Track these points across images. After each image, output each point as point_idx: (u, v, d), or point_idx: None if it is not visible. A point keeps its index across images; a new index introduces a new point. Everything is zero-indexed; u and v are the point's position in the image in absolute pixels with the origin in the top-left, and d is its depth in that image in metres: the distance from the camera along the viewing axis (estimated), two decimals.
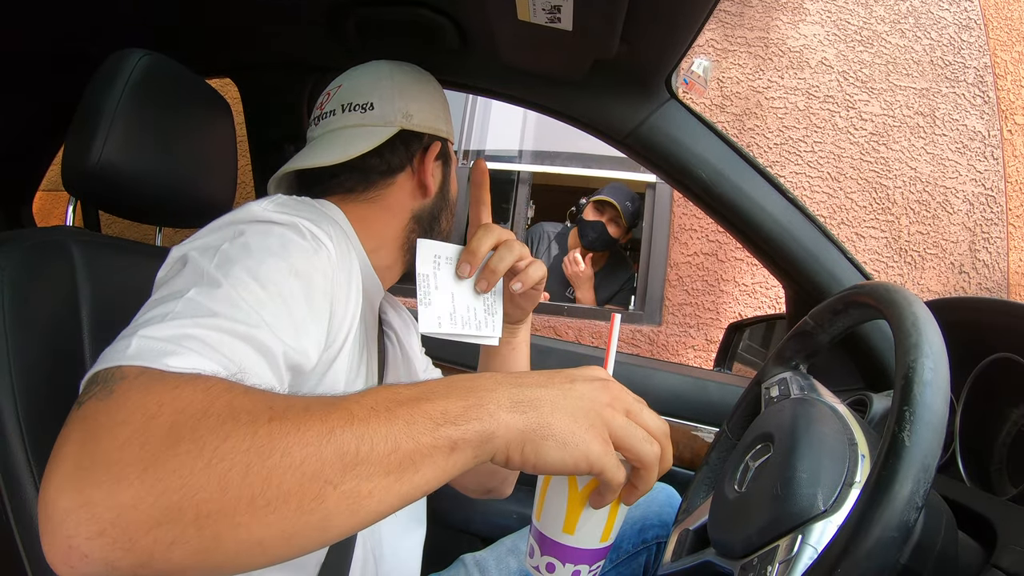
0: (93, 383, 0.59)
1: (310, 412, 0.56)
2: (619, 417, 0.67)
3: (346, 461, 0.55)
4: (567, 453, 0.63)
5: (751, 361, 2.39)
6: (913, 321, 0.71)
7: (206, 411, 0.55)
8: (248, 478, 0.52)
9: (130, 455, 0.51)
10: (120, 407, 0.55)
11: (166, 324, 0.66)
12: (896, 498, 0.60)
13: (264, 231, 0.84)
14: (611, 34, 1.16)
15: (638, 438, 0.68)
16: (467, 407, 0.61)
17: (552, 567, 0.79)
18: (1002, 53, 3.95)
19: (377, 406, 0.58)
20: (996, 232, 3.80)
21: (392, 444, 0.57)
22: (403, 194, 1.19)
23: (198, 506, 0.51)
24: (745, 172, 1.48)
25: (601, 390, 0.69)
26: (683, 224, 3.98)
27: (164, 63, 1.21)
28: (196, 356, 0.64)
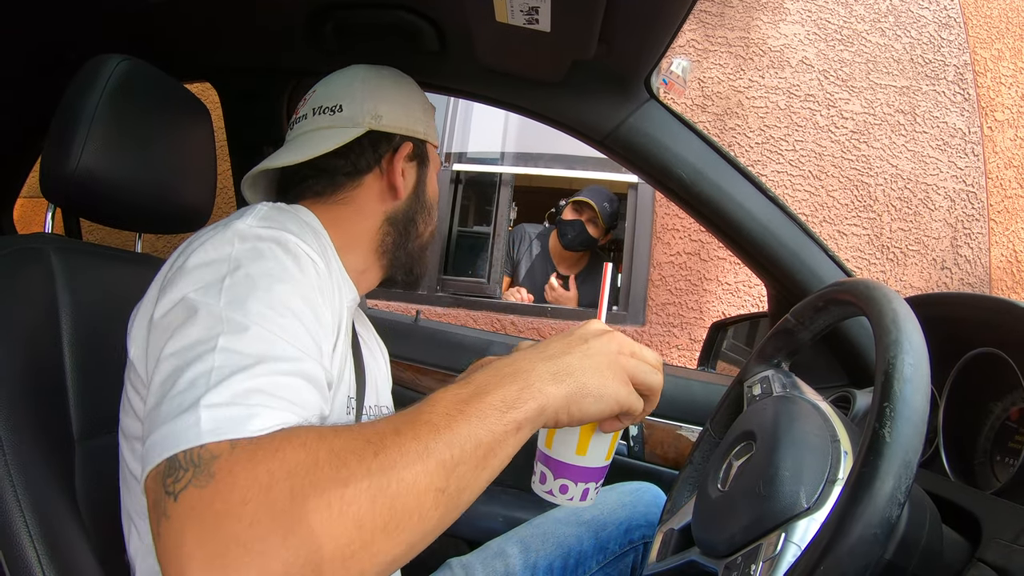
0: (175, 468, 0.60)
1: (401, 435, 0.63)
2: (630, 360, 0.81)
3: (447, 468, 0.63)
4: (603, 404, 0.77)
5: (735, 360, 2.39)
6: (893, 318, 0.71)
7: (316, 464, 0.59)
8: (376, 510, 0.58)
9: (264, 530, 0.55)
10: (232, 487, 0.57)
11: (222, 386, 0.66)
12: (878, 495, 0.60)
13: (257, 254, 0.83)
14: (589, 35, 1.16)
15: (647, 372, 0.81)
16: (520, 391, 0.71)
17: (565, 488, 0.90)
18: (982, 51, 3.98)
19: (450, 411, 0.66)
20: (977, 228, 3.83)
21: (475, 441, 0.66)
22: (372, 195, 1.18)
23: (343, 550, 0.56)
24: (726, 172, 1.49)
25: (610, 341, 0.81)
26: (666, 224, 3.98)
27: (142, 68, 1.21)
28: (269, 411, 0.66)
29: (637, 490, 1.51)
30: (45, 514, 0.90)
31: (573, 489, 0.90)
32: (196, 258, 0.82)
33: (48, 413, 1.00)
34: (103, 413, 1.06)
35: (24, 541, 0.87)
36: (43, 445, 0.96)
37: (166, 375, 0.70)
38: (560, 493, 0.90)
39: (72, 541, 0.94)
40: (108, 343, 1.08)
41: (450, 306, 4.00)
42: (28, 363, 0.98)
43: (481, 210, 4.34)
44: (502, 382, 0.71)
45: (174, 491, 0.58)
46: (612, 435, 0.89)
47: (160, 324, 0.79)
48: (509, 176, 4.22)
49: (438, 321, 2.16)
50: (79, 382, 1.05)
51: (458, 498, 0.65)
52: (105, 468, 1.04)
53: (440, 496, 0.63)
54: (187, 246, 0.87)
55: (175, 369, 0.70)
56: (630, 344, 0.83)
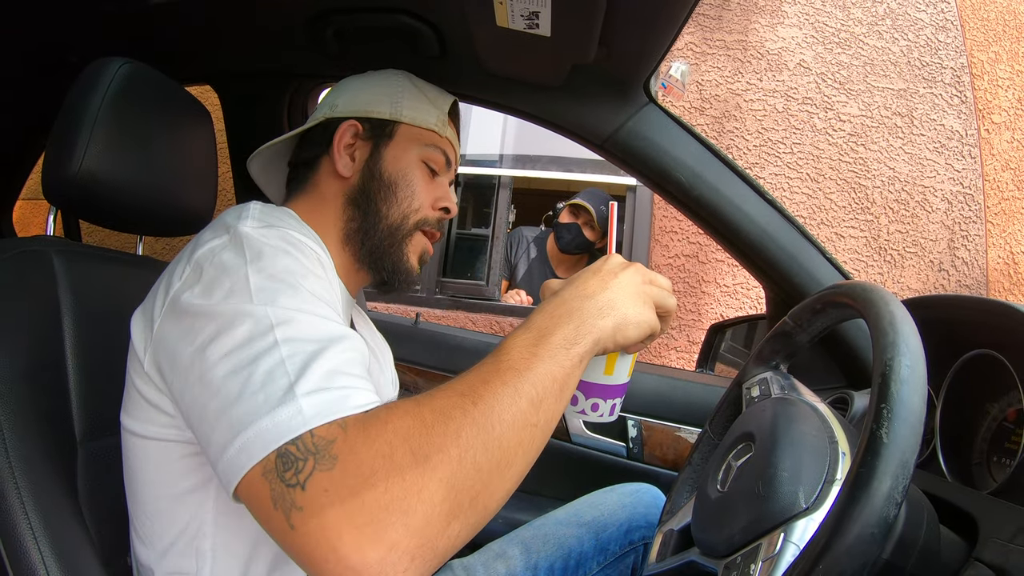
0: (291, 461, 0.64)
1: (491, 383, 0.71)
2: (652, 288, 0.89)
3: (536, 403, 0.72)
4: (641, 329, 0.85)
5: (733, 362, 2.39)
6: (890, 320, 0.72)
7: (425, 424, 0.66)
8: (489, 452, 0.67)
9: (399, 490, 0.62)
10: (359, 462, 0.63)
11: (307, 374, 0.70)
12: (875, 494, 0.60)
13: (271, 253, 0.85)
14: (589, 39, 1.17)
15: (666, 296, 0.90)
16: (578, 328, 0.79)
17: (596, 406, 0.98)
18: (979, 53, 3.99)
19: (524, 354, 0.75)
20: (975, 230, 3.83)
21: (551, 376, 0.74)
22: (327, 178, 1.20)
23: (468, 493, 0.65)
24: (724, 174, 1.49)
25: (635, 273, 0.88)
26: (664, 226, 3.99)
27: (144, 71, 1.21)
28: (356, 390, 0.71)
29: (637, 491, 1.51)
30: (48, 515, 0.90)
31: (603, 406, 0.98)
32: (210, 265, 0.83)
33: (51, 415, 1.00)
34: (105, 415, 1.06)
35: (28, 542, 0.87)
36: (46, 447, 0.96)
37: (225, 376, 0.72)
38: (592, 411, 0.98)
39: (75, 542, 0.94)
40: (110, 345, 1.08)
41: (449, 308, 4.00)
42: (31, 365, 0.98)
43: (480, 212, 4.34)
44: (559, 323, 0.79)
45: (299, 481, 0.62)
46: (634, 355, 0.96)
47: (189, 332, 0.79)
48: (508, 178, 4.22)
49: (437, 324, 2.16)
50: (81, 384, 1.05)
51: (547, 428, 0.74)
52: (107, 470, 1.04)
53: (535, 430, 0.72)
54: (192, 250, 0.87)
55: (235, 369, 0.72)
56: (648, 273, 0.90)
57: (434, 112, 1.24)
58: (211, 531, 0.89)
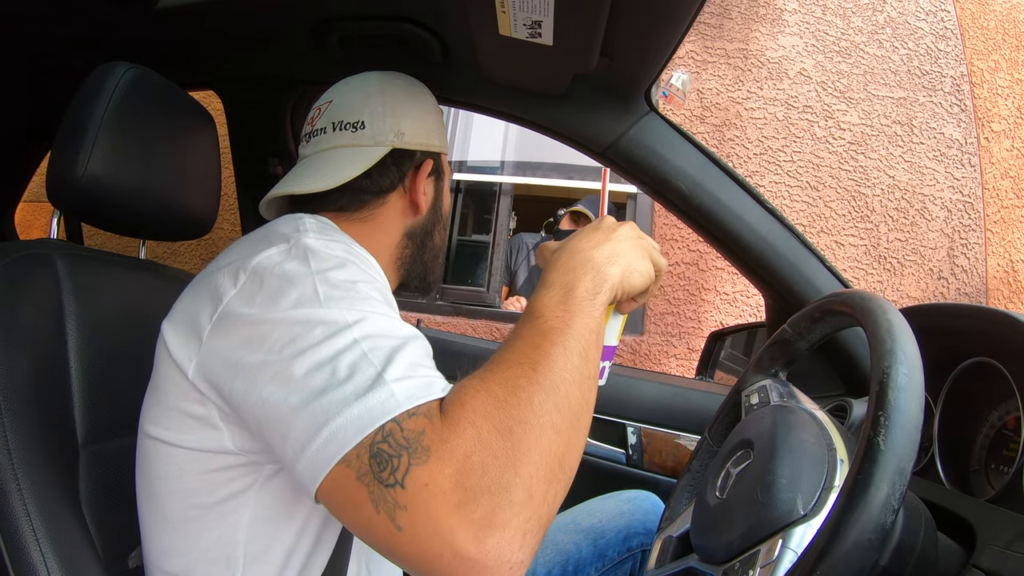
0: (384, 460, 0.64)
1: (541, 347, 0.74)
2: (647, 242, 0.93)
3: (584, 357, 0.75)
4: (643, 278, 0.90)
5: (733, 369, 2.39)
6: (888, 328, 0.72)
7: (498, 400, 0.68)
8: (562, 412, 0.69)
9: (496, 470, 0.63)
10: (452, 450, 0.63)
11: (393, 363, 0.71)
12: (872, 501, 0.61)
13: (337, 264, 0.85)
14: (591, 49, 1.17)
15: (658, 253, 0.94)
16: (595, 278, 0.83)
17: None
18: (978, 62, 4.00)
19: (558, 313, 0.78)
20: (974, 238, 3.84)
21: (588, 328, 0.78)
22: (395, 213, 1.18)
23: (555, 455, 0.67)
24: (724, 183, 1.49)
25: (631, 229, 0.93)
26: (664, 234, 3.99)
27: (149, 76, 1.21)
28: (436, 379, 0.73)
29: (635, 498, 1.52)
30: (50, 517, 0.90)
31: None
32: (275, 281, 0.81)
33: (53, 417, 1.00)
34: (107, 418, 1.06)
35: (30, 543, 0.87)
36: (48, 449, 0.96)
37: (305, 372, 0.71)
38: None
39: (76, 544, 0.94)
40: (113, 348, 1.08)
41: (450, 315, 4.01)
42: (34, 367, 0.98)
43: (480, 219, 4.34)
44: (578, 275, 0.82)
45: (398, 479, 0.62)
46: (623, 317, 0.99)
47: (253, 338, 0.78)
48: (509, 185, 4.23)
49: (438, 329, 2.17)
50: (84, 387, 1.05)
51: (595, 379, 0.78)
52: (108, 473, 1.04)
53: (590, 382, 0.76)
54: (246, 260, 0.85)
55: (317, 365, 0.71)
56: (640, 231, 0.94)
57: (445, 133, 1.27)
58: (244, 539, 0.88)
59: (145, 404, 0.93)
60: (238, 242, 0.95)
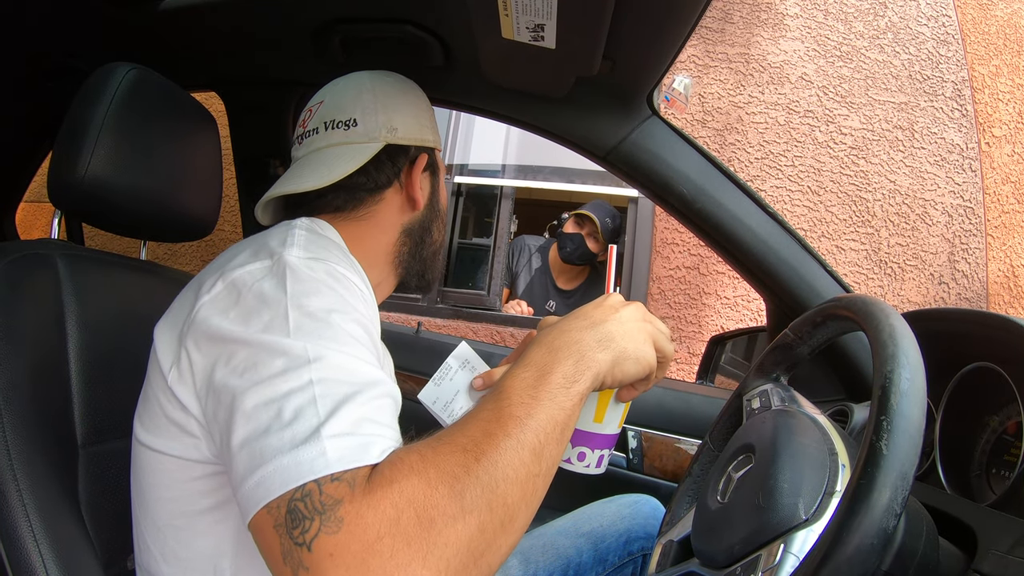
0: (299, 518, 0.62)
1: (493, 435, 0.69)
2: (653, 328, 0.88)
3: (537, 453, 0.70)
4: (640, 366, 0.84)
5: (733, 373, 2.39)
6: (890, 333, 0.72)
7: (430, 485, 0.63)
8: (494, 511, 0.64)
9: (404, 557, 0.59)
10: (364, 528, 0.60)
11: (337, 416, 0.69)
12: (874, 506, 0.61)
13: (313, 288, 0.83)
14: (594, 52, 1.17)
15: (666, 339, 0.89)
16: (577, 363, 0.78)
17: (583, 456, 0.95)
18: (979, 67, 4.00)
19: (524, 399, 0.73)
20: (975, 243, 3.84)
21: (552, 421, 0.72)
22: (392, 209, 1.18)
23: (473, 553, 0.62)
24: (726, 187, 1.49)
25: (636, 310, 0.88)
26: (665, 238, 3.99)
27: (151, 77, 1.21)
28: (378, 439, 0.69)
29: (636, 502, 1.51)
30: (49, 517, 0.91)
31: (590, 456, 0.95)
32: (252, 297, 0.82)
33: (53, 418, 1.00)
34: (107, 420, 1.06)
35: (29, 544, 0.87)
36: (48, 450, 0.96)
37: (255, 407, 0.71)
38: (578, 460, 0.96)
39: (75, 544, 0.94)
40: (113, 349, 1.08)
41: (450, 318, 4.00)
42: (35, 368, 0.98)
43: (481, 222, 4.34)
44: (558, 358, 0.78)
45: (305, 541, 0.60)
46: (625, 404, 0.95)
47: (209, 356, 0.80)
48: (510, 189, 4.22)
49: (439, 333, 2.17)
50: (84, 388, 1.05)
51: (549, 475, 0.73)
52: (107, 474, 1.04)
53: (537, 480, 0.70)
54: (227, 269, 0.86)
55: (268, 401, 0.71)
56: (649, 314, 0.90)
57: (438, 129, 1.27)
58: (231, 551, 0.88)
59: (137, 409, 0.94)
60: (232, 247, 0.95)
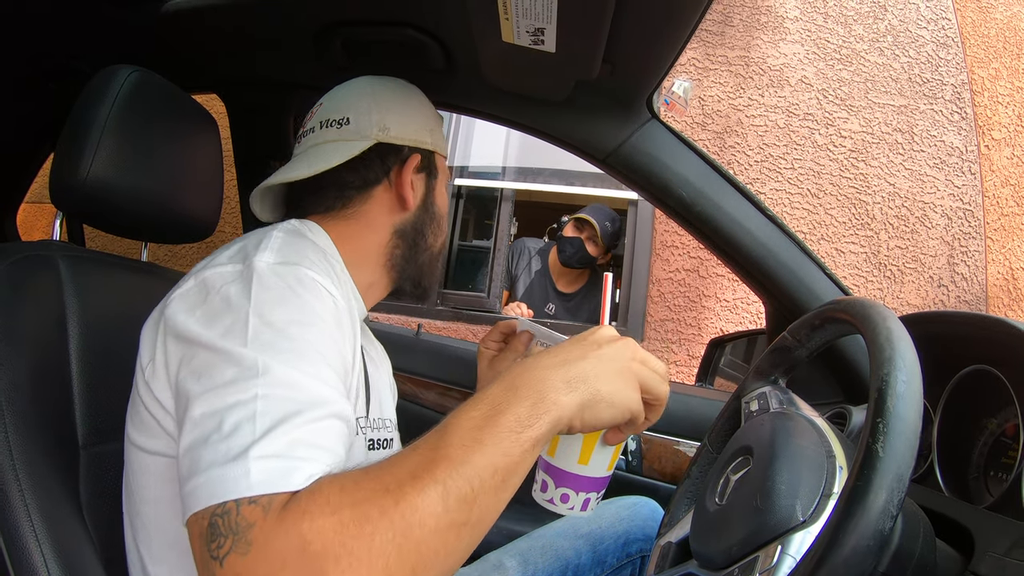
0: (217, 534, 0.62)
1: (419, 478, 0.63)
2: (642, 368, 0.81)
3: (467, 501, 0.64)
4: (616, 410, 0.77)
5: (732, 376, 2.40)
6: (887, 336, 0.73)
7: (342, 522, 0.60)
8: (403, 557, 0.60)
9: None
10: (270, 554, 0.60)
11: (270, 436, 0.68)
12: (871, 508, 0.61)
13: (279, 297, 0.82)
14: (593, 56, 1.17)
15: (657, 381, 0.82)
16: (533, 406, 0.70)
17: (566, 497, 0.90)
18: (979, 70, 4.00)
19: (465, 440, 0.66)
20: (974, 246, 3.84)
21: (492, 468, 0.66)
22: (382, 208, 1.18)
23: None
24: (725, 190, 1.50)
25: (624, 348, 0.81)
26: (665, 241, 4.00)
27: (152, 79, 1.22)
28: (309, 464, 0.67)
29: (635, 504, 1.51)
30: (51, 517, 0.91)
31: (574, 498, 0.90)
32: (218, 299, 0.82)
33: (54, 418, 1.00)
34: (108, 420, 1.06)
35: (31, 543, 0.87)
36: (50, 451, 0.96)
37: (202, 415, 0.71)
38: (561, 502, 0.90)
39: (77, 545, 0.94)
40: (114, 351, 1.09)
41: (450, 320, 4.01)
42: (36, 369, 0.98)
43: (481, 224, 4.35)
44: (515, 398, 0.71)
45: (219, 556, 0.61)
46: (616, 447, 0.89)
47: (176, 356, 0.81)
48: (510, 191, 4.23)
49: (439, 335, 2.17)
50: (85, 389, 1.05)
51: (480, 525, 0.66)
52: (108, 475, 1.04)
53: (463, 529, 0.64)
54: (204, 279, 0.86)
55: (213, 411, 0.71)
56: (641, 352, 0.83)
57: (443, 135, 1.26)
58: None
59: (128, 408, 0.94)
60: (220, 248, 0.96)
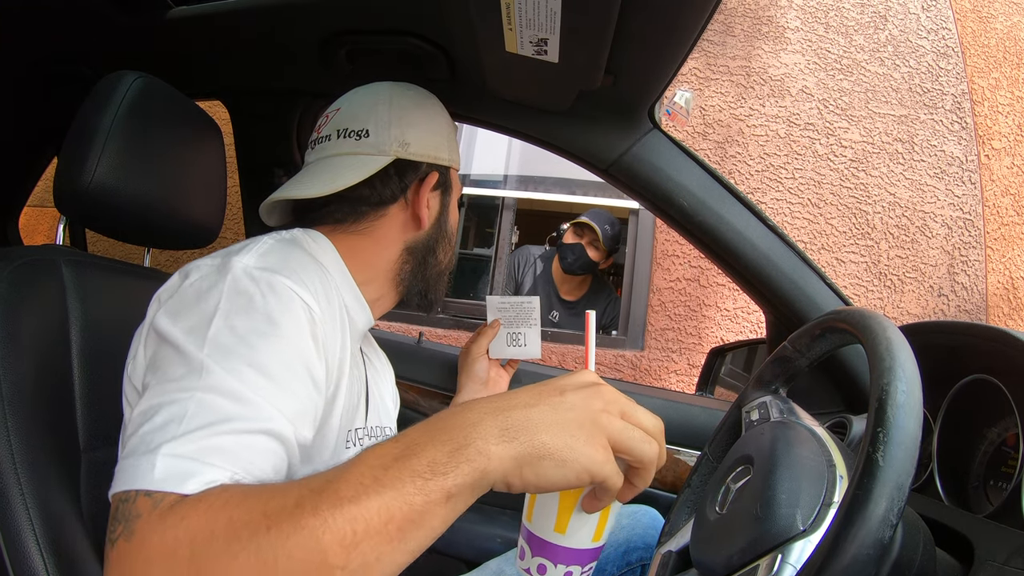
0: (116, 519, 0.64)
1: (301, 508, 0.58)
2: (616, 421, 0.67)
3: (346, 544, 0.56)
4: (567, 469, 0.63)
5: (733, 385, 2.39)
6: (887, 346, 0.73)
7: (213, 535, 0.58)
8: None
9: None
10: (143, 549, 0.60)
11: (188, 437, 0.68)
12: (871, 517, 0.61)
13: (246, 305, 0.82)
14: (596, 66, 1.18)
15: (636, 439, 0.67)
16: (452, 453, 0.60)
17: (543, 568, 0.79)
18: (979, 80, 4.01)
19: (364, 478, 0.59)
20: (974, 255, 3.84)
21: (387, 515, 0.57)
22: (395, 226, 1.16)
23: None
24: (726, 200, 1.50)
25: (593, 396, 0.68)
26: (666, 250, 4.00)
27: (157, 85, 1.22)
28: (214, 470, 0.66)
29: (635, 513, 1.51)
30: (52, 521, 0.91)
31: (552, 571, 0.79)
32: (191, 293, 0.83)
33: (56, 423, 1.01)
34: (109, 425, 1.06)
35: (31, 547, 0.87)
36: (51, 455, 0.97)
37: (147, 406, 0.72)
38: (538, 573, 0.79)
39: (78, 549, 0.94)
40: (116, 355, 1.08)
41: (452, 328, 4.01)
42: (39, 373, 0.99)
43: (483, 233, 4.35)
44: (434, 440, 0.61)
45: (113, 539, 0.62)
46: (600, 513, 0.76)
47: (150, 351, 0.82)
48: (511, 199, 4.23)
49: (440, 343, 2.17)
50: (86, 394, 1.06)
51: (365, 573, 0.57)
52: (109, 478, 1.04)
53: (337, 572, 0.56)
54: (187, 271, 0.88)
55: (153, 404, 0.72)
56: (623, 403, 0.70)
57: (457, 146, 1.24)
58: None
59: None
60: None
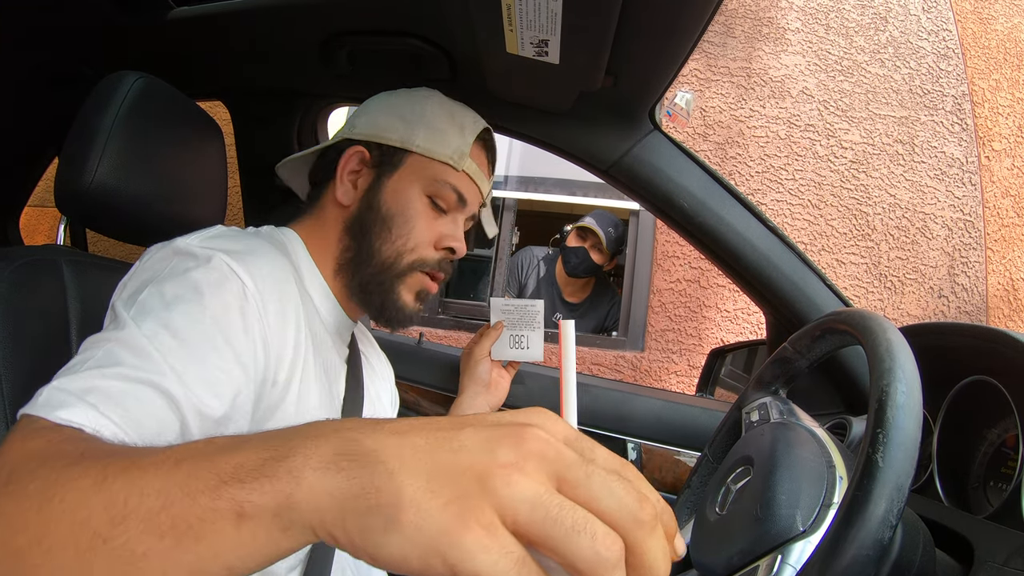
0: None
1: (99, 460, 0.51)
2: (526, 487, 0.39)
3: (112, 513, 0.45)
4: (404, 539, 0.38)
5: (733, 386, 2.39)
6: (887, 347, 0.73)
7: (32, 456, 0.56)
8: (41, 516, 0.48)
9: None
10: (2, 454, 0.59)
11: (79, 375, 0.72)
12: (870, 517, 0.61)
13: (176, 272, 0.88)
14: (597, 67, 1.18)
15: (565, 525, 0.38)
16: (265, 461, 0.44)
17: None
18: (980, 81, 4.01)
19: (173, 455, 0.48)
20: (974, 256, 3.84)
21: (164, 499, 0.45)
22: (330, 203, 1.17)
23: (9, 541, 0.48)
24: (726, 202, 1.50)
25: (506, 440, 0.41)
26: (666, 251, 4.00)
27: (158, 85, 1.22)
28: (88, 409, 0.67)
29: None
30: None
31: None
32: (139, 269, 0.91)
33: None
34: None
35: None
36: None
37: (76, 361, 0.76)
38: None
39: None
40: None
41: (452, 329, 4.01)
42: (40, 373, 0.97)
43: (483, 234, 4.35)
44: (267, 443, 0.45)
45: None
46: None
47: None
48: (512, 200, 4.23)
49: (440, 344, 2.17)
50: None
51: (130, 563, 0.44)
52: None
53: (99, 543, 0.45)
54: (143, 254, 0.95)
55: (79, 361, 0.76)
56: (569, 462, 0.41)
57: (454, 142, 1.17)
58: None
59: None
60: None
